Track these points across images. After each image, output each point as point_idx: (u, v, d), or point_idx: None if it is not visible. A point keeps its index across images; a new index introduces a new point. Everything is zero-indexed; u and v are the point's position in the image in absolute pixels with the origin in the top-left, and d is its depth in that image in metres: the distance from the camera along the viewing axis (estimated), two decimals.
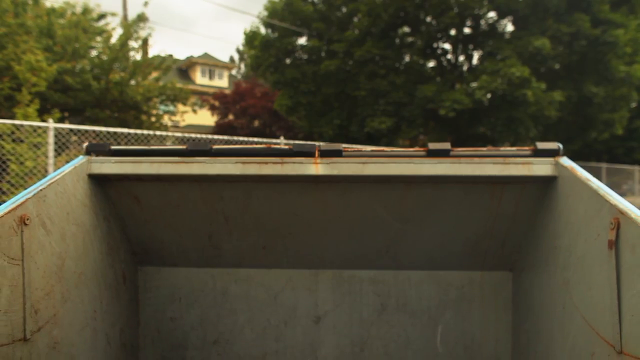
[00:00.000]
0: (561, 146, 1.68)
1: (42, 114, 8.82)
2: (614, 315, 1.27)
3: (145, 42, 15.42)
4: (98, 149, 1.74)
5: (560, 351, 1.63)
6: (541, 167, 1.65)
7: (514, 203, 1.79)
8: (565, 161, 1.62)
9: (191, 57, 32.32)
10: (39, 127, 6.18)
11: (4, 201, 7.75)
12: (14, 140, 7.19)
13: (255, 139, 9.30)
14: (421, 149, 1.71)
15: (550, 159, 1.66)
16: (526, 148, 1.69)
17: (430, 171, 1.69)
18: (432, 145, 1.71)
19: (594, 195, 1.39)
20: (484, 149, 1.71)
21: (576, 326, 1.50)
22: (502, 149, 1.71)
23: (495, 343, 2.09)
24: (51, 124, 5.82)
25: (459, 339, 2.09)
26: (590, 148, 20.25)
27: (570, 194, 1.56)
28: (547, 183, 1.68)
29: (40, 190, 1.45)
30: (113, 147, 1.75)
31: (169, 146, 1.75)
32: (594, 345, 1.38)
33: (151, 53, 15.95)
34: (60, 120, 11.59)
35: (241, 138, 9.50)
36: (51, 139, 5.68)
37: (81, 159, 1.71)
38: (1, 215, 1.27)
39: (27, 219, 1.37)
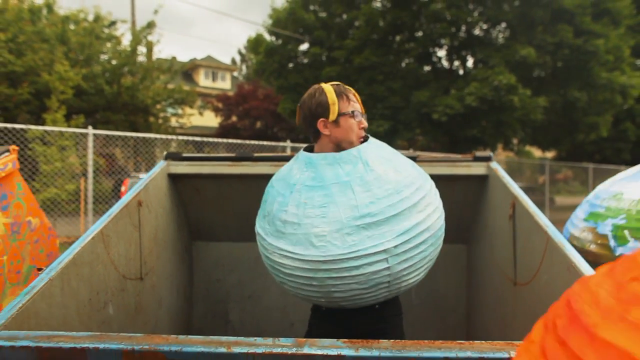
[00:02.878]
0: (492, 154, 2.45)
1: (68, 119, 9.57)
2: (512, 260, 2.04)
3: (150, 49, 16.11)
4: (174, 156, 2.50)
5: (488, 294, 2.40)
6: (478, 169, 2.42)
7: (462, 193, 2.55)
8: (493, 164, 2.38)
9: (194, 59, 33.03)
10: (74, 133, 6.94)
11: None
12: (44, 143, 7.96)
13: (266, 143, 10.00)
14: None
15: (484, 163, 2.42)
16: (469, 155, 2.46)
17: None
18: (404, 153, 2.47)
19: (505, 187, 2.16)
20: (441, 155, 2.47)
21: (496, 274, 2.27)
22: (452, 156, 2.47)
23: (455, 296, 2.85)
24: (90, 130, 6.58)
25: (429, 294, 2.85)
26: (581, 149, 21.03)
27: (495, 186, 2.32)
28: (482, 180, 2.45)
29: (146, 184, 2.22)
30: (184, 155, 2.51)
31: (222, 154, 2.51)
32: (504, 284, 2.15)
33: (156, 57, 16.62)
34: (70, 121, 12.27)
35: (253, 142, 10.22)
36: (90, 143, 6.44)
37: (163, 163, 2.47)
38: (131, 199, 2.03)
39: (142, 202, 2.13)
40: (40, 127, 7.11)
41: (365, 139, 1.59)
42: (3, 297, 2.30)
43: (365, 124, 1.58)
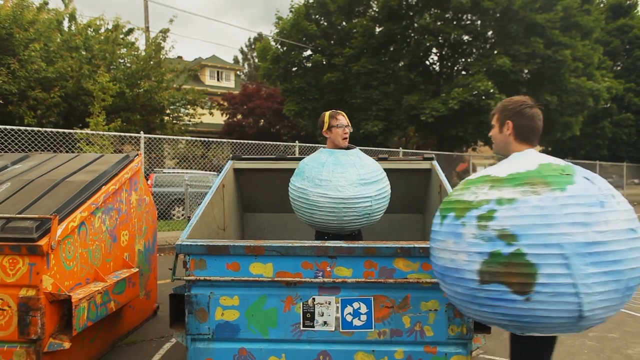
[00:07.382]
0: (434, 155, 3.94)
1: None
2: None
3: (158, 51, 17.43)
4: (237, 158, 3.99)
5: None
6: (425, 165, 3.91)
7: (417, 180, 4.04)
8: (434, 162, 3.87)
9: (200, 58, 34.43)
10: (132, 137, 8.43)
11: None
12: (92, 144, 9.43)
13: (268, 142, 11.42)
14: (376, 157, 3.96)
15: (429, 162, 3.91)
16: (420, 156, 3.95)
17: (382, 166, 3.94)
18: (380, 155, 3.96)
19: (438, 176, 3.65)
20: (402, 156, 3.95)
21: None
22: (410, 156, 3.96)
23: None
24: (142, 134, 8.04)
25: None
26: (565, 145, 22.58)
27: (434, 176, 3.82)
28: (428, 172, 3.94)
29: (225, 174, 3.70)
30: (243, 157, 4.00)
31: (266, 156, 3.99)
32: None
33: (165, 56, 17.96)
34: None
35: (256, 142, 11.64)
36: (142, 145, 7.90)
37: (231, 162, 3.96)
38: (220, 182, 3.52)
39: (224, 185, 3.62)
40: (106, 133, 8.58)
41: (350, 147, 3.03)
42: (136, 244, 3.80)
43: (346, 130, 2.96)
